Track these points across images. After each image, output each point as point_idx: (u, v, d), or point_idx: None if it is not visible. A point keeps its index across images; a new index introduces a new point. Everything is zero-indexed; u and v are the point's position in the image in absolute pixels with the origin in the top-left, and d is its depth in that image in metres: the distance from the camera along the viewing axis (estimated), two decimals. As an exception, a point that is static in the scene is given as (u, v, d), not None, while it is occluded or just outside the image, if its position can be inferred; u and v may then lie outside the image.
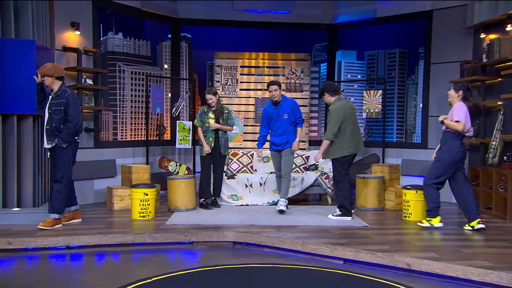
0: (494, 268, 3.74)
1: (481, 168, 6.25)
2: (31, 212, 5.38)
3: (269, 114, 6.17)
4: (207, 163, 6.25)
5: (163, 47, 8.15)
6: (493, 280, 3.67)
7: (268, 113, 6.19)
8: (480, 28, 6.68)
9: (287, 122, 6.05)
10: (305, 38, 8.84)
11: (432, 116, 7.31)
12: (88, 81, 6.57)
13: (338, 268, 4.25)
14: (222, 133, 6.32)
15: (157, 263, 4.41)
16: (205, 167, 6.25)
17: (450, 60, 7.11)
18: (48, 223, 5.08)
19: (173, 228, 5.18)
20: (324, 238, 4.77)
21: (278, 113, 6.08)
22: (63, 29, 6.46)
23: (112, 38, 7.56)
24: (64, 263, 4.46)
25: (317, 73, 8.81)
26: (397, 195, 6.41)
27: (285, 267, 4.29)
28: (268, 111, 6.20)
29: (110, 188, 6.37)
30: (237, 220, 5.54)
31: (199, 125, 6.29)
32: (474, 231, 5.12)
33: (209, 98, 6.22)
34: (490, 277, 3.68)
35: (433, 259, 4.01)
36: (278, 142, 6.09)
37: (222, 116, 6.29)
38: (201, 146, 6.26)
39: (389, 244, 4.54)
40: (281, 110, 6.08)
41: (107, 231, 5.05)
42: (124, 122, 7.66)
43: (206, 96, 6.25)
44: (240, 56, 8.04)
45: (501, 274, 3.65)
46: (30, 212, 5.34)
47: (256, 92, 8.02)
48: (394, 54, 8.37)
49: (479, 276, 3.73)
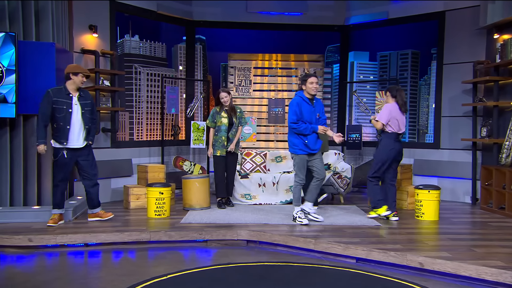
0: (507, 268, 3.68)
1: (494, 168, 6.17)
2: (50, 210, 5.45)
3: (302, 108, 5.22)
4: (221, 162, 6.27)
5: (178, 49, 8.20)
6: (506, 280, 3.62)
7: (301, 106, 5.22)
8: (493, 29, 6.59)
9: (319, 124, 5.31)
10: (318, 40, 8.81)
11: (444, 116, 7.24)
12: (105, 82, 6.64)
13: (350, 267, 4.23)
14: (235, 132, 6.33)
15: (172, 261, 4.44)
16: (220, 166, 6.27)
17: (462, 61, 7.03)
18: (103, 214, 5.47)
19: (188, 227, 5.21)
20: (337, 237, 4.75)
21: (314, 111, 5.30)
22: (81, 32, 6.54)
23: (128, 41, 7.63)
24: (83, 260, 4.51)
25: (329, 74, 8.78)
26: (410, 194, 6.36)
27: (298, 265, 4.28)
28: (302, 105, 5.23)
29: (127, 187, 6.43)
30: (251, 219, 5.55)
31: (211, 126, 6.31)
32: (384, 219, 5.55)
33: (224, 96, 6.23)
34: (504, 277, 3.63)
35: (446, 258, 3.97)
36: (318, 146, 5.30)
37: (235, 115, 6.30)
38: (213, 146, 6.27)
39: (401, 243, 4.50)
40: (316, 109, 5.34)
41: (124, 229, 5.10)
42: (140, 122, 7.72)
43: (221, 94, 6.25)
44: (254, 58, 8.05)
45: (514, 274, 3.60)
46: (49, 210, 5.41)
47: (270, 93, 8.02)
48: (407, 55, 8.30)
49: (492, 276, 3.68)
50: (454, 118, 7.16)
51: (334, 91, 8.67)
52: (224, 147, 6.23)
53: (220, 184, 6.28)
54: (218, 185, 6.28)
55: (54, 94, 5.06)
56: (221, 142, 6.23)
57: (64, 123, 5.07)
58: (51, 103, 5.03)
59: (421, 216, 5.69)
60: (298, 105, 5.21)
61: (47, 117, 5.07)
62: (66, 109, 5.07)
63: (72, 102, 5.12)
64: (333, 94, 8.67)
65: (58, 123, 5.08)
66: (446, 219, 5.71)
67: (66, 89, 5.14)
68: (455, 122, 7.15)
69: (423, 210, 5.68)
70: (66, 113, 5.07)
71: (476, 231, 5.18)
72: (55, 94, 5.07)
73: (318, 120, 5.33)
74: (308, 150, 5.24)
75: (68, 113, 5.08)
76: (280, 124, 7.90)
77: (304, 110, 5.22)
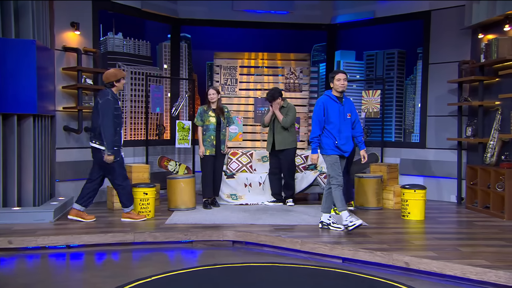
0: (492, 267, 3.74)
1: (480, 167, 6.26)
2: (31, 211, 5.38)
3: (328, 108, 4.94)
4: (209, 162, 6.24)
5: (163, 47, 8.15)
6: (491, 279, 3.67)
7: (328, 106, 4.93)
8: (478, 29, 6.69)
9: (349, 124, 5.04)
10: (304, 39, 8.85)
11: (430, 116, 7.32)
12: (88, 81, 6.56)
13: (337, 267, 4.25)
14: (224, 132, 6.32)
15: (157, 262, 4.41)
16: (208, 166, 6.23)
17: (448, 60, 7.12)
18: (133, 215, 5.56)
19: (173, 227, 5.18)
20: (323, 237, 4.77)
21: (343, 111, 4.96)
22: (63, 29, 6.45)
23: (112, 38, 7.56)
24: (65, 262, 4.46)
25: (316, 73, 8.82)
26: (396, 194, 6.42)
27: (284, 266, 4.29)
28: (328, 104, 4.94)
29: (111, 187, 6.36)
30: (237, 219, 5.55)
31: (200, 124, 6.28)
32: None
33: (211, 93, 6.20)
34: (488, 276, 3.69)
35: (431, 258, 4.02)
36: (349, 149, 5.04)
37: (223, 115, 6.29)
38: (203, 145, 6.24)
39: (387, 243, 4.54)
40: (346, 107, 4.98)
41: (108, 230, 5.05)
42: (124, 121, 7.65)
43: (210, 91, 6.23)
44: (240, 56, 8.04)
45: (499, 273, 3.65)
46: (30, 212, 5.33)
47: (256, 92, 8.02)
48: (393, 54, 8.38)
49: (477, 275, 3.73)
50: (440, 117, 7.25)
51: (320, 90, 8.71)
52: (213, 146, 6.19)
53: (208, 184, 6.25)
54: (205, 185, 6.25)
55: (114, 101, 5.33)
56: (210, 141, 6.20)
57: (120, 127, 5.44)
58: (114, 110, 5.29)
59: (407, 215, 5.74)
60: (324, 105, 4.92)
61: None
62: (121, 115, 5.46)
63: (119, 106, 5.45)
64: (320, 93, 8.71)
65: (117, 128, 5.36)
66: (432, 219, 5.77)
67: (115, 95, 5.41)
68: (441, 122, 7.24)
69: (409, 209, 5.73)
70: (121, 119, 5.46)
71: (462, 231, 5.25)
72: (115, 101, 5.34)
73: (345, 120, 4.97)
74: (339, 151, 4.98)
75: (122, 118, 5.50)
76: (266, 123, 7.89)
77: (331, 109, 4.92)
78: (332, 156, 4.98)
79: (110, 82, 5.36)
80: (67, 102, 6.49)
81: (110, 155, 5.25)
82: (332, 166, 4.96)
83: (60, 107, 6.40)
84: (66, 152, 6.48)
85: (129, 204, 5.51)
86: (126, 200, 5.48)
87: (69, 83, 6.47)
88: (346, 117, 5.01)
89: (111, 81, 5.36)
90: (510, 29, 6.12)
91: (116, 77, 5.36)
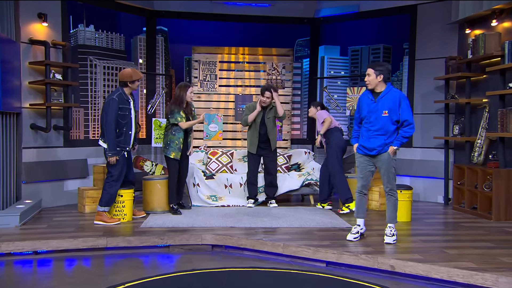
0: (478, 270, 3.81)
1: (467, 166, 6.36)
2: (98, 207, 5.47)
3: (362, 104, 4.86)
4: (176, 166, 6.02)
5: (138, 41, 8.08)
6: (477, 282, 3.74)
7: (361, 102, 4.88)
8: (465, 24, 6.80)
9: (387, 120, 4.69)
10: (287, 33, 8.87)
11: (417, 113, 7.40)
12: (57, 76, 6.44)
13: (320, 271, 4.27)
14: (191, 134, 6.17)
15: (131, 268, 4.36)
16: (174, 170, 6.01)
17: (435, 56, 7.22)
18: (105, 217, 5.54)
19: (149, 231, 5.14)
20: (306, 240, 4.79)
21: (375, 108, 4.74)
22: (29, 21, 6.32)
23: (83, 31, 7.46)
24: (31, 269, 4.37)
25: (299, 69, 8.85)
26: (381, 195, 6.48)
27: (265, 271, 4.29)
28: (362, 100, 4.88)
29: (82, 189, 6.28)
30: (216, 222, 5.53)
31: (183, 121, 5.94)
32: None
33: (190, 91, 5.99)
34: (475, 278, 3.75)
35: (417, 260, 4.06)
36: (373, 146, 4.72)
37: (192, 114, 6.14)
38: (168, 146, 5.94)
39: (372, 245, 4.58)
40: (379, 104, 4.73)
41: (78, 234, 4.98)
42: (96, 119, 7.56)
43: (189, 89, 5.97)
44: (219, 51, 8.01)
45: (485, 275, 3.72)
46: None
47: (236, 88, 8.00)
48: (378, 49, 8.47)
49: (463, 278, 3.79)
50: (426, 115, 7.35)
51: (304, 86, 8.75)
52: (179, 150, 5.94)
53: (173, 189, 6.04)
54: (171, 190, 6.02)
55: (120, 101, 5.36)
56: (177, 144, 5.93)
57: (127, 129, 5.46)
58: (117, 110, 5.34)
59: (393, 217, 5.79)
60: (359, 101, 4.93)
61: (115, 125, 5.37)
62: (128, 115, 5.46)
63: (130, 107, 5.50)
64: (303, 90, 8.74)
65: (121, 128, 5.42)
66: (418, 220, 5.85)
67: (126, 95, 5.45)
68: (427, 120, 7.34)
69: (395, 210, 5.78)
70: (128, 119, 5.46)
71: (448, 232, 5.33)
72: (120, 101, 5.38)
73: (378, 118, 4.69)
74: (364, 150, 4.80)
75: (129, 119, 5.48)
76: (247, 121, 7.88)
77: (363, 105, 4.84)
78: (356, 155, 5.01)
79: (124, 81, 5.45)
80: (34, 98, 6.37)
81: (111, 156, 5.34)
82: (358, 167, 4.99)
83: (26, 104, 6.27)
84: (33, 151, 6.36)
85: (104, 205, 5.49)
86: (105, 200, 5.49)
87: (36, 78, 6.35)
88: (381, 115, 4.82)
89: (125, 81, 5.45)
90: (498, 24, 6.23)
91: (131, 78, 5.46)
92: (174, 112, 5.94)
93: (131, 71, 5.52)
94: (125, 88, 5.49)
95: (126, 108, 5.45)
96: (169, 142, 5.96)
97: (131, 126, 5.53)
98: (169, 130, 5.99)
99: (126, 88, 5.50)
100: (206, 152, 7.23)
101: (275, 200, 6.64)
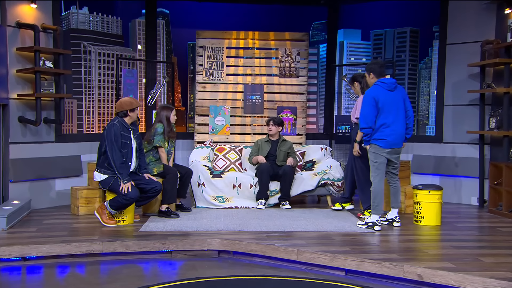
0: (518, 279, 3.77)
1: (505, 164, 6.30)
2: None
3: (380, 99, 5.27)
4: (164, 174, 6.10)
5: (137, 25, 8.11)
6: (517, 293, 3.70)
7: (379, 97, 5.27)
8: (504, 3, 6.71)
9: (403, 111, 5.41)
10: (302, 15, 8.85)
11: (447, 105, 7.35)
12: (47, 63, 6.49)
13: (339, 280, 4.25)
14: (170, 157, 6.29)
15: (130, 276, 4.38)
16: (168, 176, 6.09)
17: (469, 40, 7.14)
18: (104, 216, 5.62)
19: (149, 235, 5.16)
20: (324, 245, 4.77)
21: (396, 98, 5.33)
22: (16, 2, 6.36)
23: (75, 14, 7.50)
24: (20, 277, 4.41)
25: (315, 56, 8.82)
26: (407, 196, 6.44)
27: (278, 279, 4.28)
28: (379, 94, 5.27)
29: (75, 189, 6.32)
30: (223, 225, 5.53)
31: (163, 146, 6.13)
32: None
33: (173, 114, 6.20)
34: (514, 289, 3.71)
35: (448, 269, 4.03)
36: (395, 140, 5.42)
37: (174, 139, 6.35)
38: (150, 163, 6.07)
39: (397, 252, 4.56)
40: (398, 94, 5.34)
41: (71, 239, 5.01)
42: (91, 112, 7.61)
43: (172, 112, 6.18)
44: (227, 36, 8.00)
45: (526, 286, 3.68)
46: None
47: (245, 77, 7.99)
48: (405, 33, 8.40)
49: (501, 289, 3.75)
50: (458, 107, 7.29)
51: (320, 75, 8.72)
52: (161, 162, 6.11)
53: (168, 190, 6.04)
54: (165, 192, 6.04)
55: (121, 127, 5.43)
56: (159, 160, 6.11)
57: (127, 159, 5.49)
58: (120, 135, 5.41)
59: (421, 220, 5.76)
60: (374, 99, 5.26)
61: None
62: (129, 145, 5.51)
63: (131, 136, 5.56)
64: (320, 79, 8.71)
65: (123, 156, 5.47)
66: (449, 224, 5.80)
67: (126, 123, 5.52)
68: (460, 112, 7.27)
69: (422, 213, 5.75)
70: (129, 149, 5.51)
71: (483, 238, 5.28)
72: (121, 127, 5.45)
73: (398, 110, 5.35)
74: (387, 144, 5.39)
75: (130, 149, 5.53)
76: (258, 114, 7.89)
77: (383, 99, 5.27)
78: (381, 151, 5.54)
79: (123, 111, 5.50)
80: (22, 88, 6.42)
81: (126, 182, 5.37)
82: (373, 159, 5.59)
83: (14, 94, 6.32)
84: (21, 147, 6.41)
85: (114, 208, 5.53)
86: (117, 205, 5.51)
87: (25, 66, 6.39)
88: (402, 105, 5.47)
89: (124, 110, 5.50)
90: (540, 4, 6.14)
91: (132, 106, 5.52)
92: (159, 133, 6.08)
93: (131, 99, 5.62)
94: (125, 118, 5.54)
95: (126, 136, 5.49)
96: (149, 162, 6.05)
97: (131, 158, 5.54)
98: (149, 152, 6.10)
99: (127, 118, 5.55)
100: (212, 148, 7.23)
101: (289, 202, 6.63)
